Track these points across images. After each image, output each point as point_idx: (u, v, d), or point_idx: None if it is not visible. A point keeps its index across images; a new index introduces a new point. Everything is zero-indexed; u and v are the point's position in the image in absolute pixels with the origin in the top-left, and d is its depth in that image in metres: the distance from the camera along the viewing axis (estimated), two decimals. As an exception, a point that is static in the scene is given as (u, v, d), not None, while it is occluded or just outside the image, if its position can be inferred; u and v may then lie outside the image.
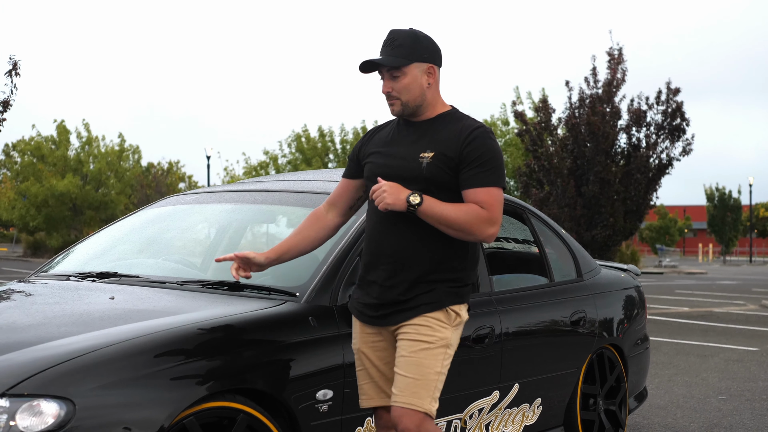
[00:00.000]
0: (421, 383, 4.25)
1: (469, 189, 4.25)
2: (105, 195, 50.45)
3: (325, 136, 47.61)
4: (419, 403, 4.23)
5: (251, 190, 6.08)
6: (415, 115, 4.40)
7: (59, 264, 5.90)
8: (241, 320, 4.50)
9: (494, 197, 4.24)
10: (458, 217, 4.19)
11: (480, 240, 4.27)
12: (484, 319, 5.58)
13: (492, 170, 4.25)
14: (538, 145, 21.59)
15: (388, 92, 4.34)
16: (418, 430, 4.23)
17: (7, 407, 3.72)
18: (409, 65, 4.32)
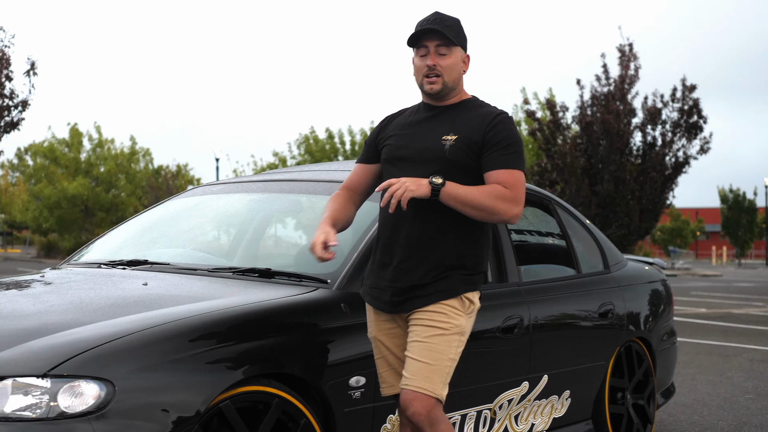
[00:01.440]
0: (435, 368, 4.23)
1: (492, 170, 4.26)
2: (116, 197, 50.53)
3: (333, 137, 47.64)
4: (431, 387, 4.22)
5: (277, 180, 6.08)
6: (444, 98, 4.42)
7: (89, 253, 5.91)
8: (275, 306, 4.50)
9: (517, 178, 4.25)
10: (483, 197, 4.18)
11: (504, 220, 4.25)
12: (513, 309, 5.57)
13: (514, 154, 4.28)
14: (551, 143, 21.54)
15: (433, 66, 4.34)
16: (429, 414, 4.21)
17: (48, 388, 3.73)
18: (456, 47, 4.38)
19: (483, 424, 5.38)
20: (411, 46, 4.43)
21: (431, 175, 4.21)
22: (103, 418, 3.73)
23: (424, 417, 4.20)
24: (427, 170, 4.28)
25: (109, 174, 50.20)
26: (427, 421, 4.20)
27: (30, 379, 3.76)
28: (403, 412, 4.33)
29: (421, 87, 4.42)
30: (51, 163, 50.49)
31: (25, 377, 3.76)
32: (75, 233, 49.67)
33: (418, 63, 4.40)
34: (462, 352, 4.39)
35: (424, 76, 4.38)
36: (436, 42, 4.35)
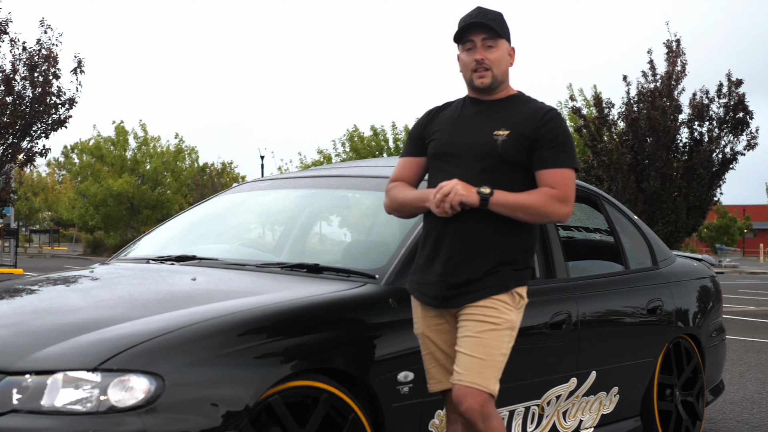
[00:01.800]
0: (487, 363, 4.22)
1: (542, 169, 4.26)
2: (161, 194, 50.84)
3: (377, 134, 47.65)
4: (484, 383, 4.20)
5: (324, 176, 6.08)
6: (492, 93, 4.40)
7: (138, 248, 5.94)
8: (323, 301, 4.51)
9: (566, 177, 4.26)
10: (531, 201, 4.19)
11: (556, 220, 4.28)
12: (561, 305, 5.54)
13: (565, 151, 4.28)
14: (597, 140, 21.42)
15: (482, 60, 4.33)
16: (482, 410, 4.20)
17: (98, 382, 3.75)
18: (502, 39, 4.38)
19: (531, 421, 5.36)
20: (457, 41, 4.42)
21: (481, 172, 4.23)
22: (153, 412, 3.74)
23: (478, 412, 4.18)
24: (478, 166, 4.27)
25: (155, 172, 50.51)
26: (480, 416, 4.19)
27: (80, 373, 3.78)
28: (454, 408, 4.31)
29: (470, 82, 4.40)
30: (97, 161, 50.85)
31: (75, 371, 3.78)
32: (120, 231, 50.03)
33: (465, 58, 4.39)
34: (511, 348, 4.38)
35: (472, 71, 4.37)
36: (482, 36, 4.34)
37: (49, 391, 3.76)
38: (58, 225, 69.93)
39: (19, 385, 3.79)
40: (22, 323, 4.23)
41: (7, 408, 3.75)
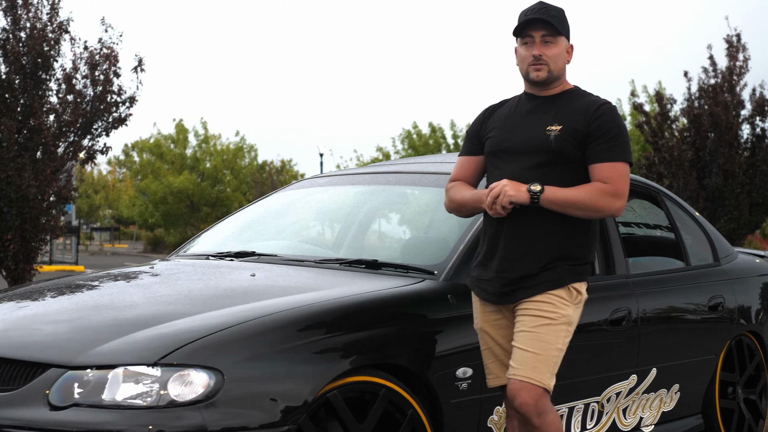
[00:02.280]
0: (542, 358, 4.20)
1: (595, 164, 4.25)
2: (221, 192, 51.12)
3: (436, 131, 47.57)
4: (539, 377, 4.19)
5: (383, 172, 6.08)
6: (548, 88, 4.39)
7: (197, 245, 5.98)
8: (382, 297, 4.51)
9: (618, 172, 4.23)
10: (582, 197, 4.18)
11: (608, 215, 4.26)
12: (621, 301, 5.49)
13: (619, 145, 4.26)
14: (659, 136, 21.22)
15: (539, 55, 4.32)
16: (536, 404, 4.18)
17: (158, 376, 3.78)
18: (561, 36, 4.36)
19: (591, 417, 5.32)
20: (516, 36, 4.40)
21: (534, 168, 4.23)
22: (213, 406, 3.76)
23: (532, 407, 4.17)
24: (531, 162, 4.26)
25: (214, 169, 50.82)
26: (534, 411, 4.17)
27: (141, 368, 3.82)
28: (510, 403, 4.30)
29: (527, 76, 4.39)
30: (157, 159, 51.28)
31: (135, 366, 3.83)
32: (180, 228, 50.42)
33: (523, 53, 4.38)
34: (569, 344, 4.35)
35: (529, 65, 4.35)
36: (541, 32, 4.33)
37: (110, 385, 3.80)
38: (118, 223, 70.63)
39: (81, 380, 3.84)
40: (82, 318, 4.28)
41: (68, 402, 3.80)
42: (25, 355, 4.02)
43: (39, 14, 13.16)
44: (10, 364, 4.03)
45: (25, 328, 4.27)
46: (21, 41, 12.99)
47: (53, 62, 13.13)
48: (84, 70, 13.37)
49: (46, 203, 13.03)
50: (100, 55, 13.41)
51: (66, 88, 13.21)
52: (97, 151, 13.59)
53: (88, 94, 13.33)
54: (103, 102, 13.34)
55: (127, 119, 13.68)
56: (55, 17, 13.21)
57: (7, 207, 12.69)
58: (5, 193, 12.51)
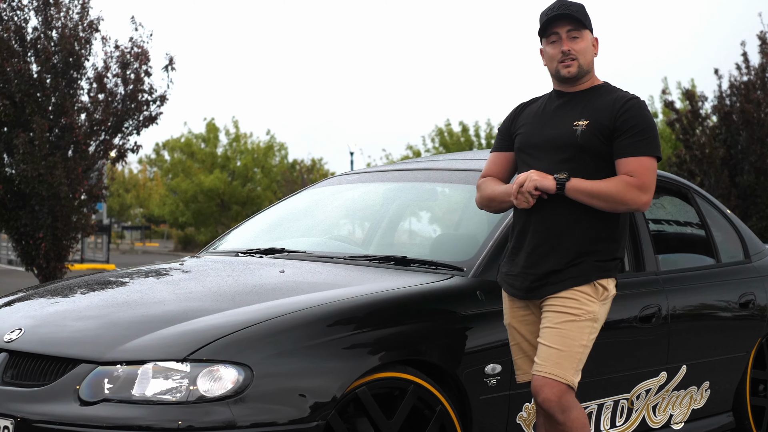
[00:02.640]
0: (565, 354, 4.20)
1: (622, 158, 4.23)
2: (251, 191, 51.23)
3: (467, 130, 47.46)
4: (562, 374, 4.18)
5: (413, 169, 6.08)
6: (577, 84, 4.39)
7: (227, 242, 6.00)
8: (411, 293, 4.51)
9: (645, 166, 4.22)
10: (608, 188, 4.17)
11: (634, 209, 4.25)
12: (651, 298, 5.47)
13: (646, 140, 4.24)
14: (690, 134, 21.10)
15: (568, 51, 4.32)
16: (559, 401, 4.17)
17: (187, 372, 3.80)
18: (586, 30, 4.36)
19: (620, 414, 5.30)
20: (542, 35, 4.40)
21: (561, 163, 4.24)
22: (242, 402, 3.78)
23: (555, 403, 4.16)
24: (559, 157, 4.26)
25: (245, 168, 50.93)
26: (558, 407, 4.16)
27: (170, 364, 3.84)
28: (535, 399, 4.30)
29: (556, 73, 4.38)
30: (188, 158, 51.45)
31: (165, 361, 3.85)
32: (211, 227, 50.58)
33: (551, 51, 4.37)
34: (597, 341, 4.34)
35: (558, 62, 4.35)
36: (566, 27, 4.33)
37: (140, 380, 3.82)
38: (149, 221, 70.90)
39: (111, 375, 3.86)
40: (112, 314, 4.31)
41: (98, 397, 3.82)
42: (55, 350, 4.06)
43: (70, 13, 13.24)
44: (40, 359, 4.06)
45: (56, 324, 4.31)
46: (52, 40, 13.08)
47: (84, 61, 13.21)
48: (115, 69, 13.44)
49: (78, 201, 13.12)
50: (131, 54, 13.48)
51: (97, 87, 13.28)
52: (127, 149, 13.67)
53: (119, 93, 13.41)
54: (133, 101, 13.42)
55: (157, 118, 13.76)
56: (85, 16, 13.29)
57: (39, 205, 12.78)
58: (37, 191, 12.60)
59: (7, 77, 12.69)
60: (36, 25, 13.18)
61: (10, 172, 12.87)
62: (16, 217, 12.96)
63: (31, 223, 12.86)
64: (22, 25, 13.06)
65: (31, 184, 12.54)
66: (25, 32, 13.08)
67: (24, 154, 12.34)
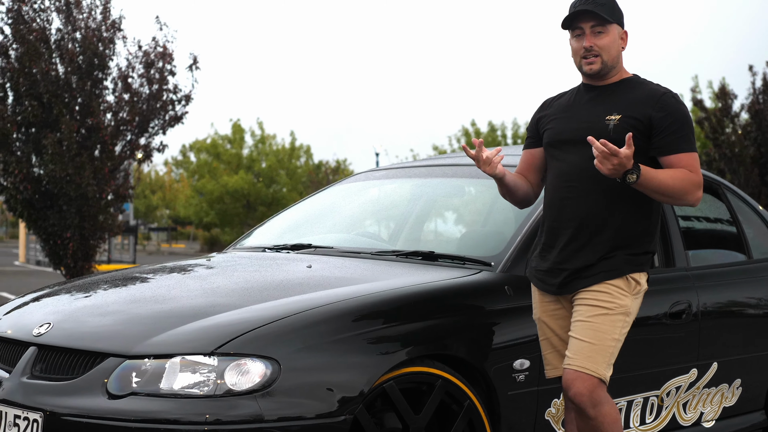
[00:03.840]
0: (597, 348, 4.16)
1: (671, 155, 4.19)
2: (276, 192, 51.31)
3: (495, 130, 47.32)
4: (594, 367, 4.14)
5: (440, 165, 6.06)
6: (604, 78, 4.34)
7: (254, 237, 5.99)
8: (439, 288, 4.49)
9: (695, 161, 4.22)
10: (675, 183, 4.13)
11: (688, 204, 4.22)
12: (681, 294, 5.42)
13: (688, 135, 4.23)
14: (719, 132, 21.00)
15: (590, 47, 4.27)
16: (591, 395, 4.14)
17: (215, 366, 3.79)
18: (612, 24, 4.29)
19: (650, 412, 5.26)
20: (565, 28, 4.36)
21: (592, 158, 4.16)
22: (269, 396, 3.77)
23: (586, 397, 4.12)
24: (590, 152, 4.21)
25: (270, 169, 51.02)
26: (589, 401, 4.13)
27: (198, 357, 3.83)
28: (566, 394, 4.26)
29: (580, 68, 4.36)
30: (213, 159, 51.58)
31: (192, 355, 3.84)
32: (237, 228, 50.69)
33: (575, 45, 4.34)
34: (627, 337, 4.30)
35: (581, 57, 4.31)
36: (591, 23, 4.28)
37: (168, 374, 3.82)
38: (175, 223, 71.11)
39: (138, 369, 3.86)
40: (140, 308, 4.32)
41: (126, 391, 3.82)
42: (83, 344, 4.06)
43: (93, 14, 13.28)
44: (68, 353, 4.07)
45: (84, 318, 4.32)
46: (76, 41, 13.12)
47: (108, 61, 13.25)
48: (139, 69, 13.48)
49: (104, 201, 13.16)
50: (155, 53, 13.51)
51: (122, 86, 13.32)
52: (154, 149, 13.70)
53: (144, 93, 13.44)
54: (158, 100, 13.45)
55: (183, 117, 13.78)
56: (108, 16, 13.34)
57: (66, 205, 12.82)
58: (65, 191, 12.65)
59: (34, 79, 12.75)
60: (60, 26, 13.23)
61: (38, 172, 12.92)
62: (44, 217, 13.02)
63: (59, 223, 12.91)
64: (46, 27, 13.11)
65: (59, 185, 12.59)
66: (49, 33, 13.13)
67: (52, 154, 12.38)
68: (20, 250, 37.82)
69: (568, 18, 4.30)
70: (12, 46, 13.01)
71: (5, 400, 4.05)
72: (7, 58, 13.02)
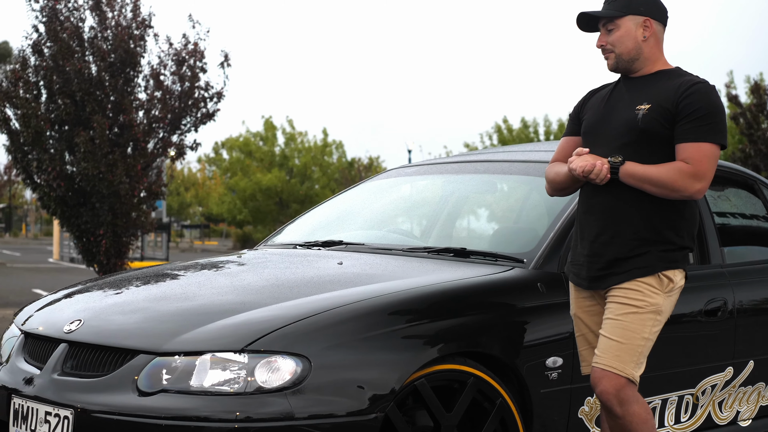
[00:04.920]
0: (626, 347, 4.12)
1: (680, 143, 4.14)
2: (309, 189, 51.38)
3: (528, 126, 47.17)
4: (621, 366, 4.11)
5: (472, 161, 6.03)
6: (631, 70, 4.32)
7: (286, 234, 5.98)
8: (471, 284, 4.46)
9: (703, 152, 4.10)
10: (659, 174, 4.08)
11: (686, 196, 4.14)
12: (716, 291, 5.35)
13: (708, 125, 4.12)
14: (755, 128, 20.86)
15: (603, 45, 4.30)
16: (618, 394, 4.10)
17: (245, 363, 3.78)
18: (623, 17, 4.26)
19: (685, 410, 5.20)
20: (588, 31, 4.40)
21: (621, 147, 4.17)
22: (300, 393, 3.75)
23: (612, 395, 4.09)
24: (619, 141, 4.21)
25: (303, 166, 51.10)
26: (616, 400, 4.09)
27: (228, 354, 3.82)
28: (594, 391, 4.24)
29: None
30: (246, 157, 51.71)
31: (223, 352, 3.83)
32: (269, 225, 50.81)
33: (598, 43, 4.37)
34: (661, 335, 4.26)
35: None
36: (603, 21, 4.29)
37: (198, 371, 3.81)
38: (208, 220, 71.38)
39: (169, 366, 3.86)
40: (170, 306, 4.32)
41: (156, 388, 3.82)
42: (114, 341, 4.06)
43: (124, 11, 13.33)
44: (99, 350, 4.08)
45: (114, 315, 4.32)
46: (108, 39, 13.17)
47: (140, 59, 13.29)
48: (171, 66, 13.51)
49: (137, 199, 13.20)
50: (186, 51, 13.54)
51: (154, 84, 13.36)
52: (186, 146, 13.73)
53: (176, 90, 13.47)
54: (190, 98, 13.47)
55: (214, 114, 13.81)
56: (138, 14, 13.38)
57: (99, 203, 12.87)
58: (98, 189, 12.69)
59: (68, 77, 12.81)
60: (92, 24, 13.28)
61: (71, 170, 12.97)
62: (77, 214, 13.08)
63: (92, 221, 12.96)
64: (79, 25, 13.17)
65: (92, 182, 12.63)
66: (82, 31, 13.19)
67: (85, 152, 12.44)
68: (54, 247, 38.10)
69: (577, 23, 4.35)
70: (46, 45, 13.09)
71: (37, 397, 4.06)
72: (41, 56, 13.09)
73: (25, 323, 4.63)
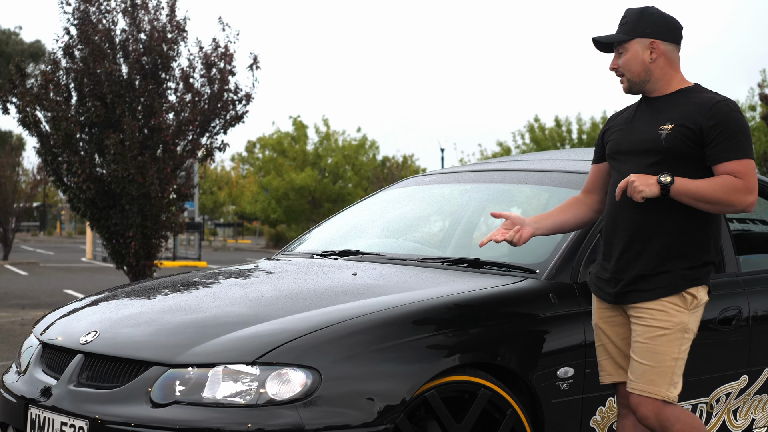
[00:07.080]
0: (658, 370, 4.17)
1: (720, 163, 4.18)
2: (342, 188, 51.42)
3: (560, 125, 47.00)
4: (655, 390, 4.16)
5: (489, 170, 6.06)
6: (647, 92, 4.37)
7: (302, 244, 6.04)
8: (482, 296, 4.50)
9: (747, 167, 4.18)
10: (714, 189, 4.13)
11: (739, 210, 4.21)
12: (731, 300, 5.36)
13: (740, 142, 4.18)
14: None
15: (615, 68, 4.36)
16: (657, 417, 4.17)
17: (256, 375, 3.84)
18: (630, 41, 4.31)
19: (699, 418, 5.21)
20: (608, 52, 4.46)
21: (647, 167, 4.21)
22: (310, 405, 3.81)
23: (653, 420, 4.18)
24: (644, 161, 4.25)
25: (336, 166, 51.14)
26: (657, 423, 4.18)
27: (240, 366, 3.88)
28: (624, 403, 4.34)
29: None
30: (279, 156, 51.81)
31: (235, 364, 3.89)
32: (302, 224, 50.90)
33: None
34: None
35: None
36: (614, 44, 4.36)
37: (210, 383, 3.87)
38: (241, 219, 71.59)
39: (182, 378, 3.92)
40: (184, 317, 4.38)
41: (170, 399, 3.88)
42: (128, 353, 4.13)
43: (158, 15, 13.44)
44: (113, 361, 4.15)
45: (129, 326, 4.39)
46: (140, 42, 13.28)
47: (172, 62, 13.39)
48: (201, 70, 13.61)
49: (167, 200, 13.30)
50: (216, 54, 13.63)
51: (184, 87, 13.46)
52: (215, 148, 13.82)
53: (206, 93, 13.57)
54: (219, 100, 13.57)
55: (243, 117, 13.89)
56: (173, 18, 13.48)
57: (128, 205, 12.99)
58: (127, 191, 12.80)
59: (98, 79, 12.93)
60: (124, 27, 13.40)
61: (101, 172, 13.09)
62: (106, 216, 13.20)
63: (121, 222, 13.08)
64: (111, 28, 13.28)
65: (122, 184, 12.74)
66: (114, 34, 13.30)
67: (115, 154, 12.55)
68: (87, 246, 38.36)
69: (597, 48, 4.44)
70: (77, 47, 13.21)
71: (54, 407, 4.14)
72: (73, 59, 13.22)
73: (44, 333, 4.72)
